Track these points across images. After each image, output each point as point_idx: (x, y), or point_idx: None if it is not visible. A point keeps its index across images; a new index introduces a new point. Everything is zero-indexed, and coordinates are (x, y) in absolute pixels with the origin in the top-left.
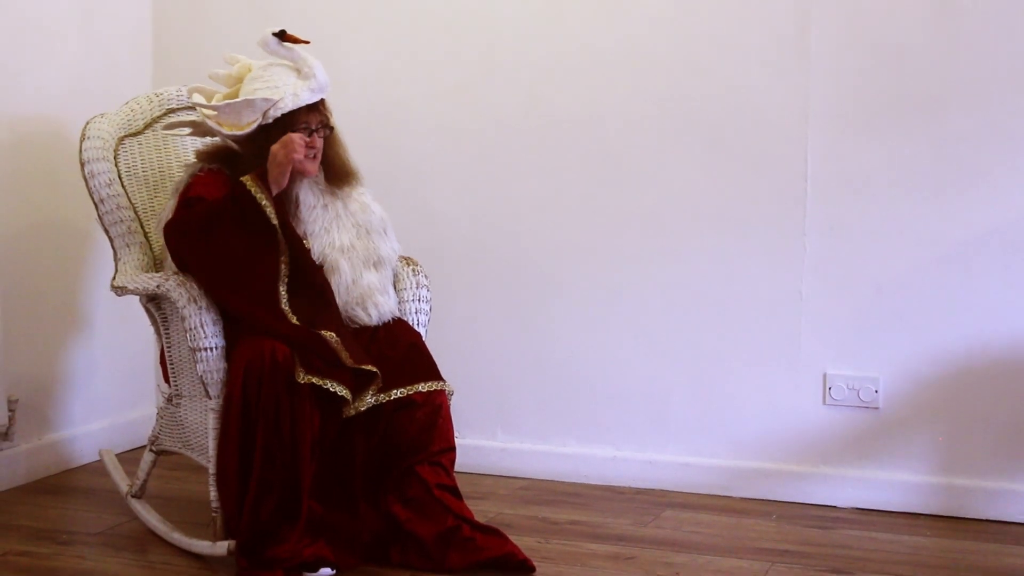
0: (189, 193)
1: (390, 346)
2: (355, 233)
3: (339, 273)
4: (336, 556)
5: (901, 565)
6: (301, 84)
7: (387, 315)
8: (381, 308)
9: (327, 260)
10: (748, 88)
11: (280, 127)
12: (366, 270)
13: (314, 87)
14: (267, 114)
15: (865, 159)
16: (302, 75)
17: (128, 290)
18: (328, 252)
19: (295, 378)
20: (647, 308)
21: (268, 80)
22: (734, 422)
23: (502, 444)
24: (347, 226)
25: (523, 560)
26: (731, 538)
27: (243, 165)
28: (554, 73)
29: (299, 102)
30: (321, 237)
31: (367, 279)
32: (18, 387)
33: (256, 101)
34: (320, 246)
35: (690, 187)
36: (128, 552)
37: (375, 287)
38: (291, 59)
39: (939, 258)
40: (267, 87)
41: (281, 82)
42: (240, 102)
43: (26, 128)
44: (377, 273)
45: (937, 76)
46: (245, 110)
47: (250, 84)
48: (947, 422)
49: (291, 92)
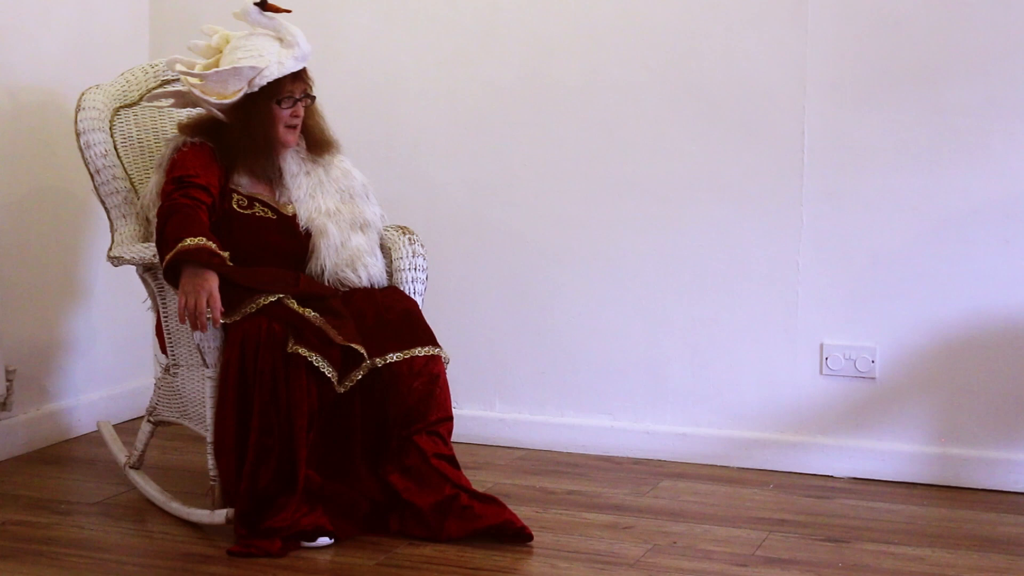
0: (175, 171)
1: (385, 310)
2: (339, 198)
3: (327, 236)
4: (334, 525)
5: (897, 534)
6: (285, 52)
7: (376, 277)
8: (371, 269)
9: (314, 224)
10: (746, 58)
11: (265, 95)
12: (353, 233)
13: (298, 55)
14: (253, 82)
15: (863, 129)
16: (285, 43)
17: (125, 260)
18: (315, 216)
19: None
20: (645, 278)
21: (251, 49)
22: (731, 392)
23: (500, 414)
24: (331, 191)
25: (521, 528)
26: (728, 507)
27: (227, 136)
28: (552, 43)
29: (284, 70)
30: (306, 203)
31: (355, 241)
32: (16, 357)
33: (243, 69)
34: (306, 211)
35: (688, 157)
36: (127, 522)
37: (363, 249)
38: (273, 28)
39: (936, 228)
40: (251, 56)
41: (265, 51)
42: (227, 70)
43: (24, 98)
44: (364, 235)
45: (935, 46)
46: (232, 78)
47: (232, 54)
48: (944, 392)
49: (276, 60)
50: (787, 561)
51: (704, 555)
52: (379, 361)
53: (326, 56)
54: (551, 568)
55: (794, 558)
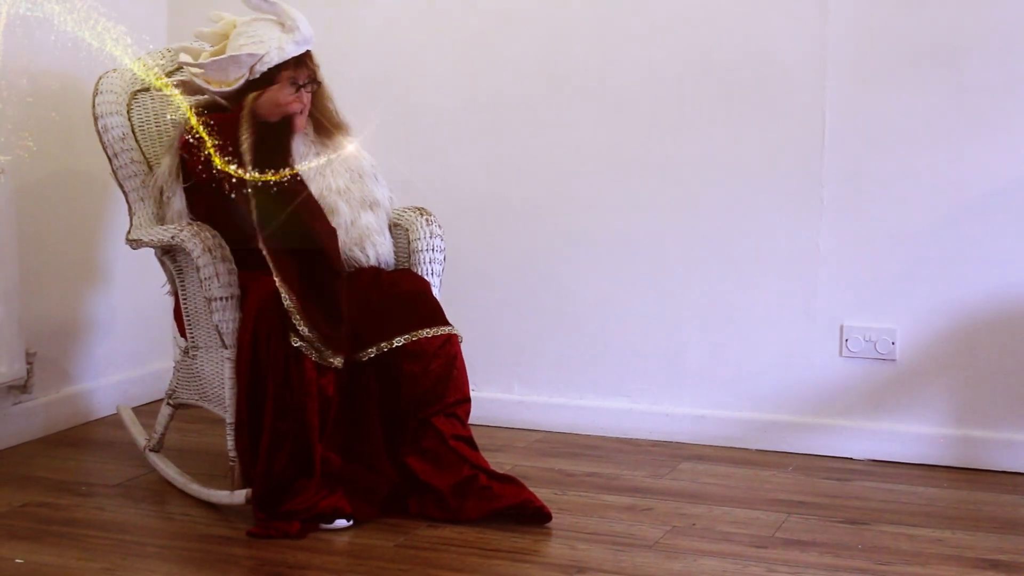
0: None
1: (390, 286)
2: (348, 177)
3: (338, 214)
4: (354, 508)
5: (917, 516)
6: (286, 37)
7: (385, 256)
8: (379, 248)
9: (325, 202)
10: (766, 37)
11: (266, 82)
12: (363, 211)
13: (298, 39)
14: (253, 69)
15: (883, 109)
16: (286, 28)
17: (143, 243)
18: (326, 194)
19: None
20: (664, 260)
21: (252, 35)
22: (751, 374)
23: (518, 397)
24: (340, 171)
25: (540, 507)
26: (747, 490)
27: None
28: (570, 23)
29: (284, 55)
30: (317, 181)
31: (365, 219)
32: (37, 340)
33: (241, 57)
34: (317, 189)
35: (707, 138)
36: (147, 503)
37: (373, 228)
38: (274, 13)
39: (957, 209)
40: (252, 42)
41: (266, 36)
42: (226, 59)
43: (43, 82)
44: (374, 214)
45: (957, 24)
46: (231, 66)
47: (235, 40)
48: (964, 374)
49: (276, 46)
50: (806, 543)
51: (723, 537)
52: (384, 346)
53: (344, 39)
54: (570, 549)
55: (813, 540)
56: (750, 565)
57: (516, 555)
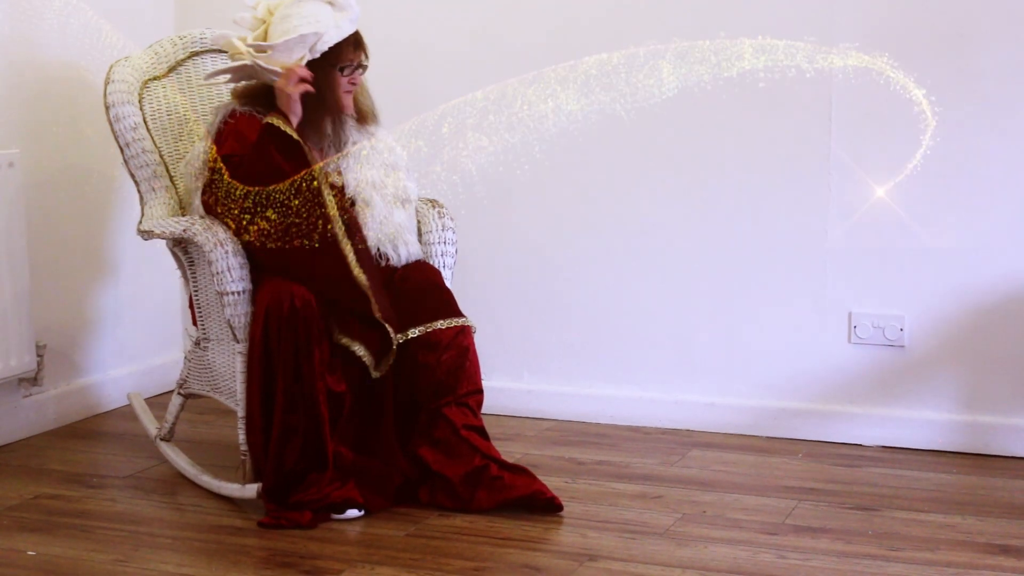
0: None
1: (402, 280)
2: (383, 171)
3: (373, 207)
4: (365, 498)
5: (926, 502)
6: (341, 15)
7: (413, 255)
8: (410, 247)
9: (360, 195)
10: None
11: (327, 61)
12: (396, 207)
13: (352, 17)
14: (314, 48)
15: (891, 95)
16: (336, 7)
17: (155, 234)
18: (362, 187)
19: (313, 328)
20: (672, 248)
21: (306, 15)
22: (760, 362)
23: (528, 386)
24: (376, 164)
25: (551, 498)
26: (757, 477)
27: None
28: (577, 11)
29: (342, 33)
30: (354, 170)
31: (397, 217)
32: (46, 333)
33: (308, 35)
34: (354, 179)
35: (715, 127)
36: (158, 495)
37: (404, 226)
38: None
39: (966, 195)
40: (307, 22)
41: (321, 15)
42: (294, 39)
43: (50, 73)
44: (405, 212)
45: (963, 10)
46: (297, 46)
47: (284, 23)
48: (973, 360)
49: (333, 24)
50: (817, 530)
51: (733, 524)
52: (400, 337)
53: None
54: (581, 538)
55: (824, 526)
56: (761, 552)
57: (527, 543)
